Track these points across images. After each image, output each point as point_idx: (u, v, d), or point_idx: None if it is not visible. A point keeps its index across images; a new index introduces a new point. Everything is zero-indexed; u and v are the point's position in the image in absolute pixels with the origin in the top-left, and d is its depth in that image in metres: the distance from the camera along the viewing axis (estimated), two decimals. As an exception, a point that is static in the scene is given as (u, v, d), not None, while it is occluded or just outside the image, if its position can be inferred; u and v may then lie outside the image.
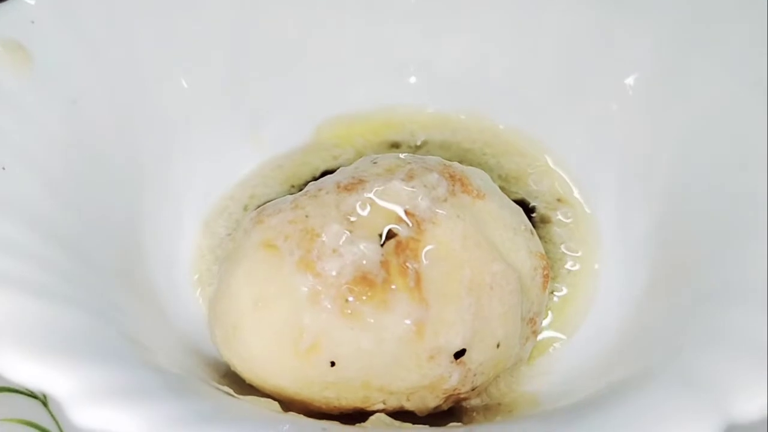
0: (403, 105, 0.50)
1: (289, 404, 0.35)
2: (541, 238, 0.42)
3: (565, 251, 0.44)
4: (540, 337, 0.40)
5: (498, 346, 0.35)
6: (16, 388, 0.42)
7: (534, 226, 0.40)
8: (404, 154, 0.39)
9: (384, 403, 0.35)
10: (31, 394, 0.42)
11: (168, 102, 0.44)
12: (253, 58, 0.47)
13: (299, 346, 0.33)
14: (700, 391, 0.27)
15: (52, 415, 0.43)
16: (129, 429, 0.25)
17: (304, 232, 0.34)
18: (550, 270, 0.39)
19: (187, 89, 0.45)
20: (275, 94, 0.48)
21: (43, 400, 0.43)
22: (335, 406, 0.35)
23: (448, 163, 0.38)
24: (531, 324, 0.37)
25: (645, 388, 0.29)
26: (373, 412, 0.35)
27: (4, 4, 0.39)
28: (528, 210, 0.45)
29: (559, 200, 0.46)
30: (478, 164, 0.47)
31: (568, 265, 0.43)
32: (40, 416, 0.42)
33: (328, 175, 0.39)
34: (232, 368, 0.36)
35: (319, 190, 0.36)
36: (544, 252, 0.38)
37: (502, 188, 0.41)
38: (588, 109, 0.46)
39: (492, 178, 0.41)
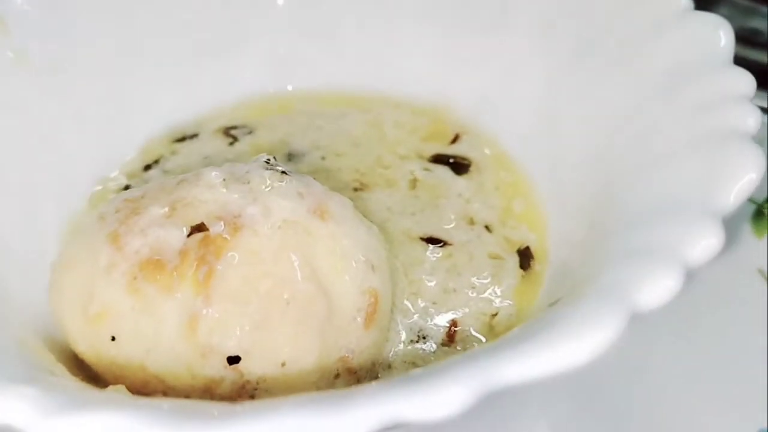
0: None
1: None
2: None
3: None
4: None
5: (283, 365, 0.34)
6: None
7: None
8: (282, 169, 0.39)
9: (165, 396, 0.35)
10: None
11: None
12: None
13: (87, 311, 0.34)
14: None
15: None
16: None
17: (131, 209, 0.36)
18: (378, 310, 0.37)
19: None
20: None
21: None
22: (136, 389, 0.35)
23: (313, 189, 0.38)
24: (343, 361, 0.36)
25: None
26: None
27: None
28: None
29: None
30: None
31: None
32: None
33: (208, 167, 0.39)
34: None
35: (171, 178, 0.38)
36: (379, 288, 0.37)
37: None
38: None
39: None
